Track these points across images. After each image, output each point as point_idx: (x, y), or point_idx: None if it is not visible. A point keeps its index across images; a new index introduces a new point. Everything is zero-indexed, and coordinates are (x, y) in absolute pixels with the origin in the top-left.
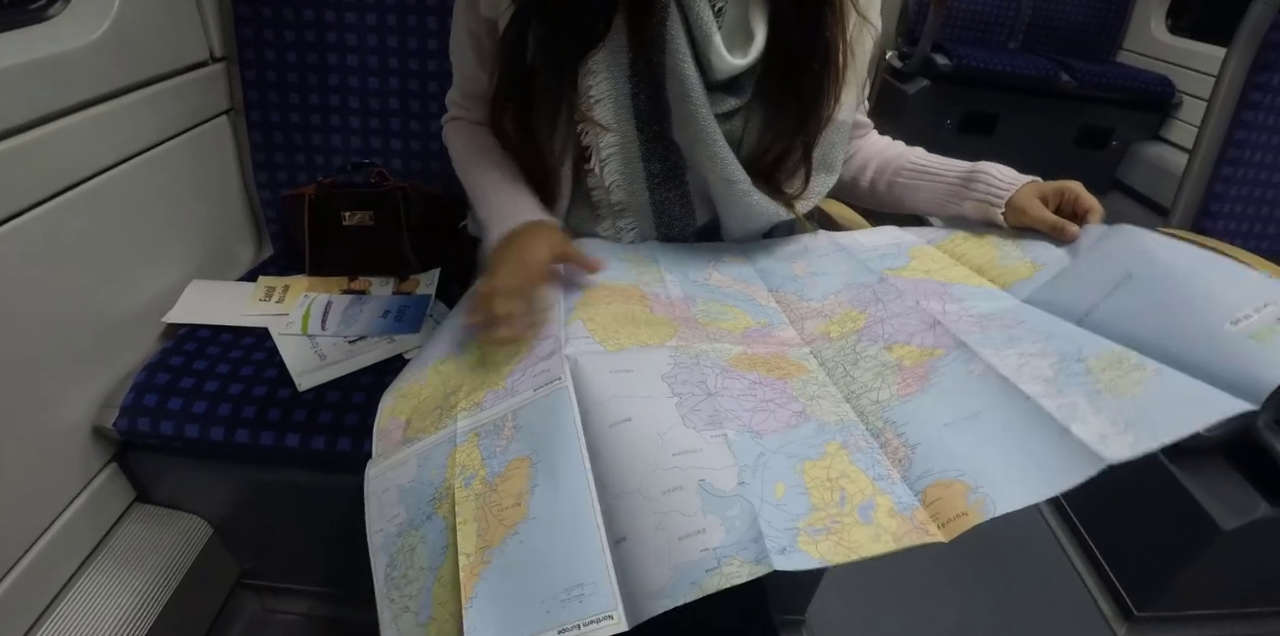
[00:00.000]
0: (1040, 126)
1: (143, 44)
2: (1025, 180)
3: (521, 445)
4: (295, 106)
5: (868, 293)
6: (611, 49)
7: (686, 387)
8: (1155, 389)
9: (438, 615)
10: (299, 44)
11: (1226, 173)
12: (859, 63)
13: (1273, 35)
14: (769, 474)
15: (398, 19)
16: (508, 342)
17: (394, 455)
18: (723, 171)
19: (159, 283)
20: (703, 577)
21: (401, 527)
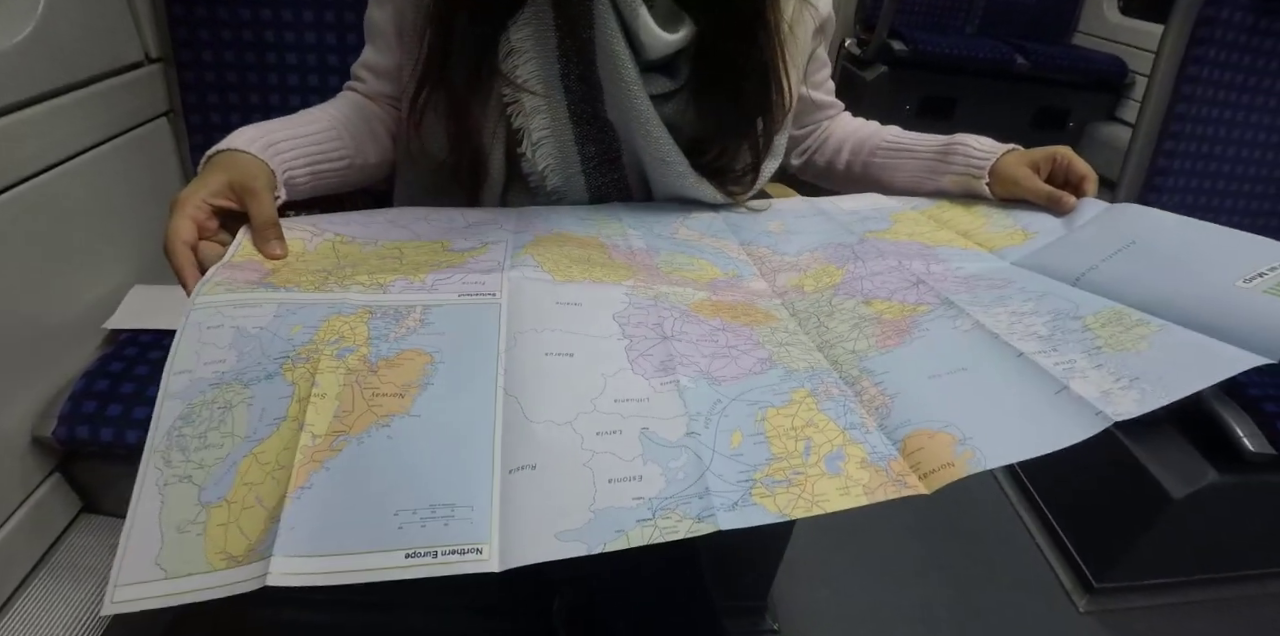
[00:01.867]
0: (998, 109)
1: (72, 45)
2: (1005, 148)
3: (424, 340)
4: (236, 107)
5: (847, 251)
6: (538, 27)
7: (640, 329)
8: (1162, 345)
9: (238, 497)
10: (237, 44)
11: (1169, 147)
12: (800, 43)
13: (1207, 10)
14: (725, 423)
15: (335, 16)
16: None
17: (242, 292)
18: (658, 152)
19: (99, 288)
20: (632, 527)
21: (222, 377)
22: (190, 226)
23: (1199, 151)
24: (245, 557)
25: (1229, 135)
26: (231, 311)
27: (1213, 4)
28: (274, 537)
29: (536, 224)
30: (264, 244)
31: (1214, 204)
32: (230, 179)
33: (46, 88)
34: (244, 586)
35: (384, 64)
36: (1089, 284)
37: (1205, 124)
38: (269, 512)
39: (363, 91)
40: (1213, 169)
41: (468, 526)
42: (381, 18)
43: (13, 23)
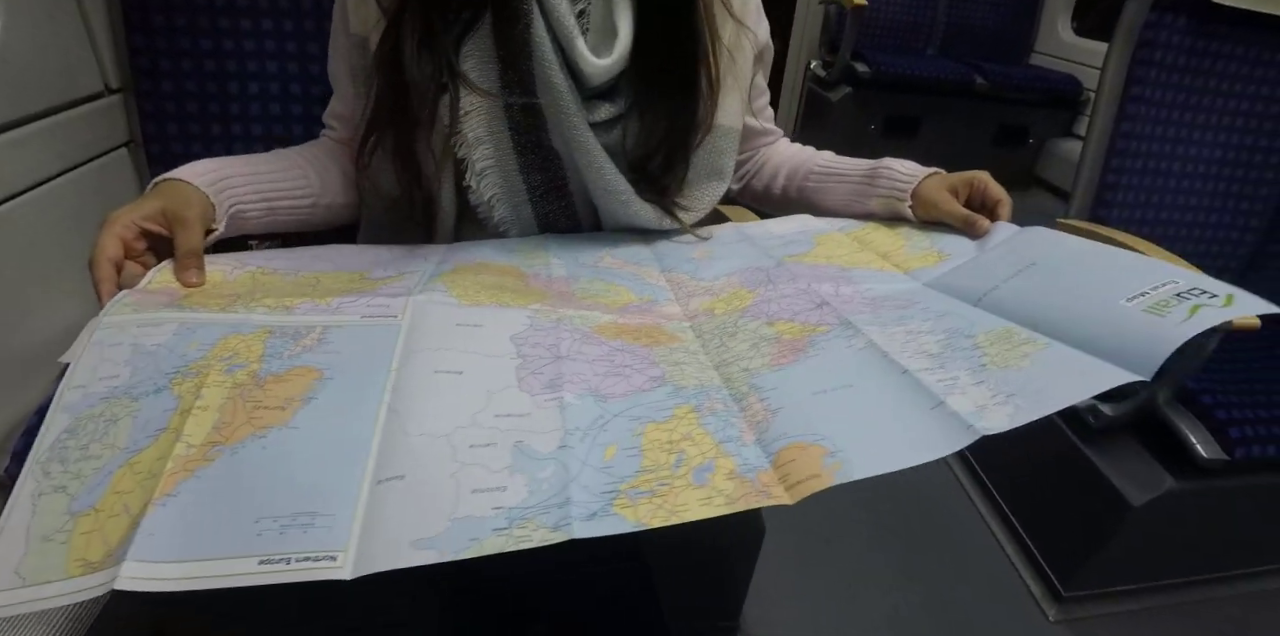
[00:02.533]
0: (960, 127)
1: (29, 76)
2: (927, 172)
3: (317, 358)
4: (197, 137)
5: (761, 275)
6: (480, 59)
7: (536, 349)
8: (1043, 362)
9: (106, 506)
10: (198, 74)
11: (1116, 163)
12: (739, 68)
13: (1146, 33)
14: (603, 437)
15: (297, 46)
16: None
17: (148, 312)
18: (601, 180)
19: (55, 322)
20: (487, 535)
21: (113, 391)
22: (117, 244)
23: (1145, 167)
24: (101, 564)
25: (1173, 151)
26: (134, 329)
27: (1152, 27)
28: (130, 543)
29: (459, 255)
30: (182, 272)
31: (1161, 217)
32: (164, 206)
33: (3, 118)
34: (92, 592)
35: (346, 111)
36: (989, 303)
37: (1149, 141)
38: (133, 520)
39: (334, 137)
40: (1157, 184)
41: (325, 534)
42: (337, 68)
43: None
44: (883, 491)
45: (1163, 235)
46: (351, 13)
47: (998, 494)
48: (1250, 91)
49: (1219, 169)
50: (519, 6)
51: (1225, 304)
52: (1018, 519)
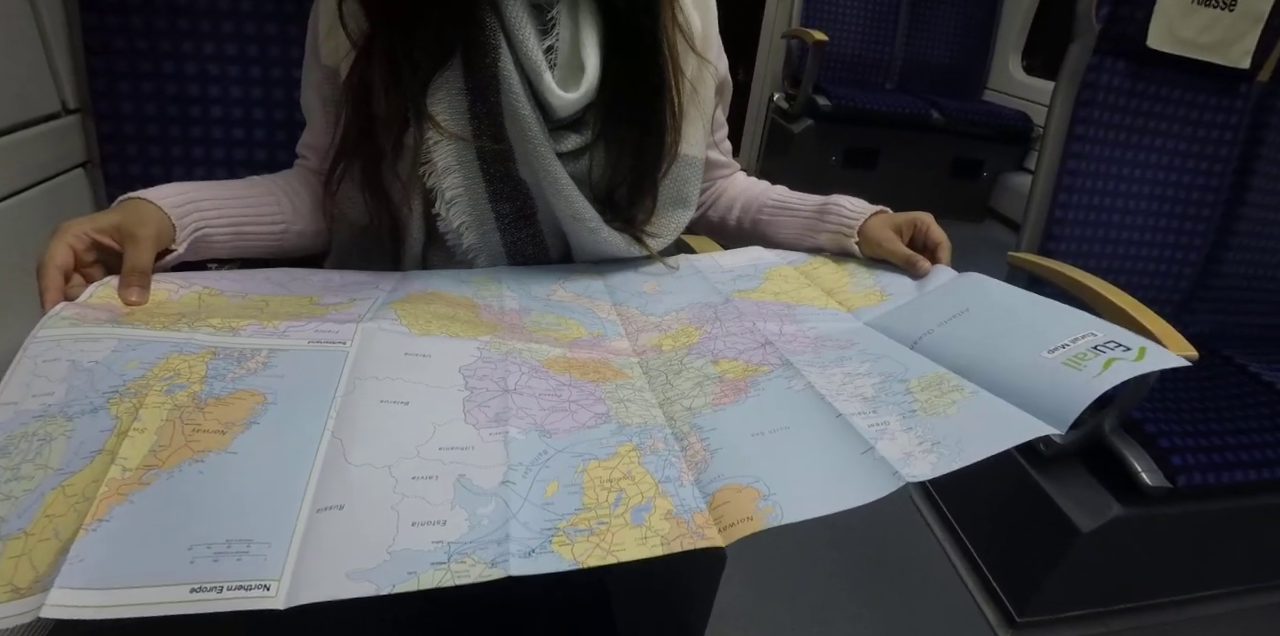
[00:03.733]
0: (918, 160)
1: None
2: (874, 210)
3: (261, 381)
4: (155, 159)
5: (709, 312)
6: (449, 91)
7: (484, 382)
8: (968, 410)
9: (36, 530)
10: (158, 96)
11: (1063, 199)
12: (702, 99)
13: (1089, 75)
14: (545, 473)
15: (262, 71)
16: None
17: (86, 326)
18: (569, 209)
19: (6, 341)
20: (425, 569)
21: (47, 409)
22: (67, 252)
23: (1090, 203)
24: (28, 589)
25: (1116, 188)
26: (70, 345)
27: (1094, 70)
28: (59, 569)
29: (413, 284)
30: (124, 289)
31: (1106, 251)
32: (120, 221)
33: None
34: (18, 619)
35: (318, 142)
36: (923, 347)
37: (1094, 178)
38: (63, 544)
39: (307, 167)
40: (1101, 219)
41: (260, 562)
42: (310, 98)
43: None
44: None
45: (1108, 268)
46: (323, 43)
47: (955, 521)
48: (1187, 132)
49: (1159, 205)
50: (488, 40)
51: (1138, 357)
52: (974, 546)
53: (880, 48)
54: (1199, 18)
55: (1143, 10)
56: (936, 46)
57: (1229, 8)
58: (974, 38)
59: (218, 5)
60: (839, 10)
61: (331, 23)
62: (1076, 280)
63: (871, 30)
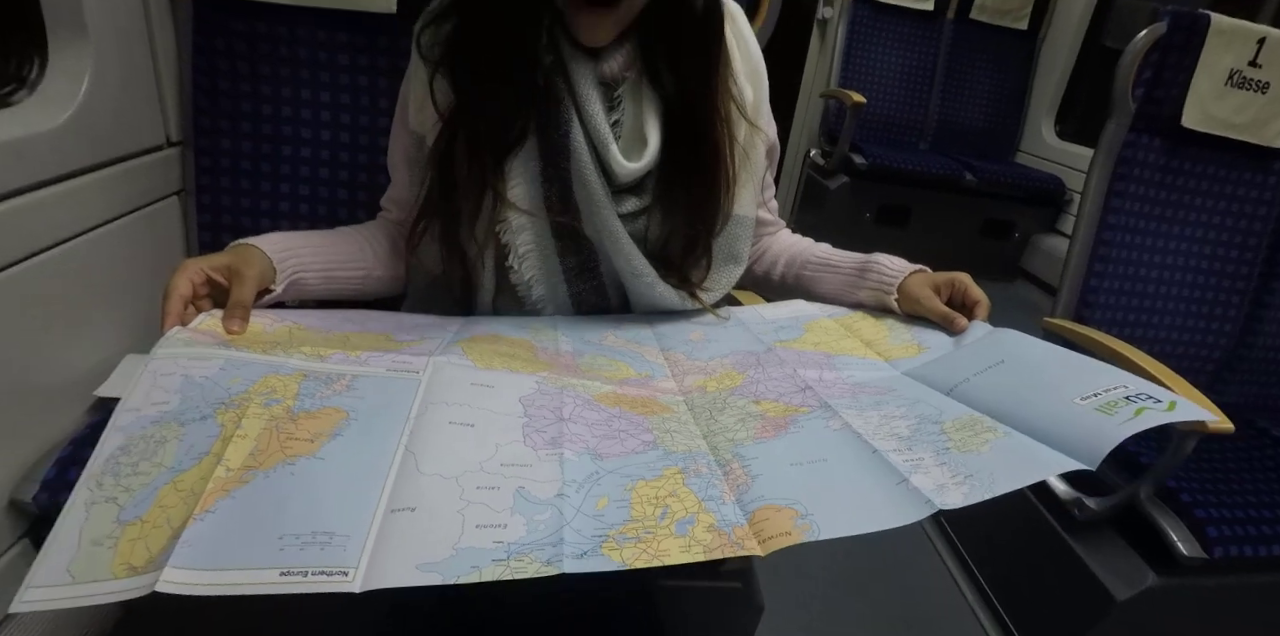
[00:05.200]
0: (949, 219)
1: (104, 129)
2: (913, 268)
3: (345, 401)
4: (245, 191)
5: (752, 358)
6: (525, 158)
7: (541, 411)
8: (1000, 448)
9: (151, 518)
10: (253, 134)
11: (1099, 268)
12: (753, 163)
13: (1125, 151)
14: (596, 489)
15: (350, 118)
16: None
17: (200, 348)
18: (628, 264)
19: (94, 356)
20: (487, 565)
21: (163, 415)
22: (187, 284)
23: (1125, 273)
24: (144, 568)
25: (1150, 259)
26: (185, 362)
27: (1130, 146)
28: (171, 552)
29: (476, 327)
30: (228, 320)
31: (1141, 320)
32: (231, 262)
33: (78, 166)
34: (135, 592)
35: (400, 196)
36: (960, 394)
37: (1129, 249)
38: (174, 531)
39: (390, 218)
40: (1136, 288)
41: (340, 552)
42: (396, 156)
43: (56, 106)
44: (874, 579)
45: (1142, 337)
46: (412, 113)
47: (986, 584)
48: (1221, 207)
49: (1194, 276)
50: (561, 115)
51: (1168, 409)
52: (1005, 609)
53: (915, 109)
54: (1232, 99)
55: (1177, 91)
56: (971, 109)
57: (1262, 91)
58: (1007, 102)
59: (316, 57)
60: (876, 72)
61: (423, 96)
62: (1111, 348)
63: (907, 92)
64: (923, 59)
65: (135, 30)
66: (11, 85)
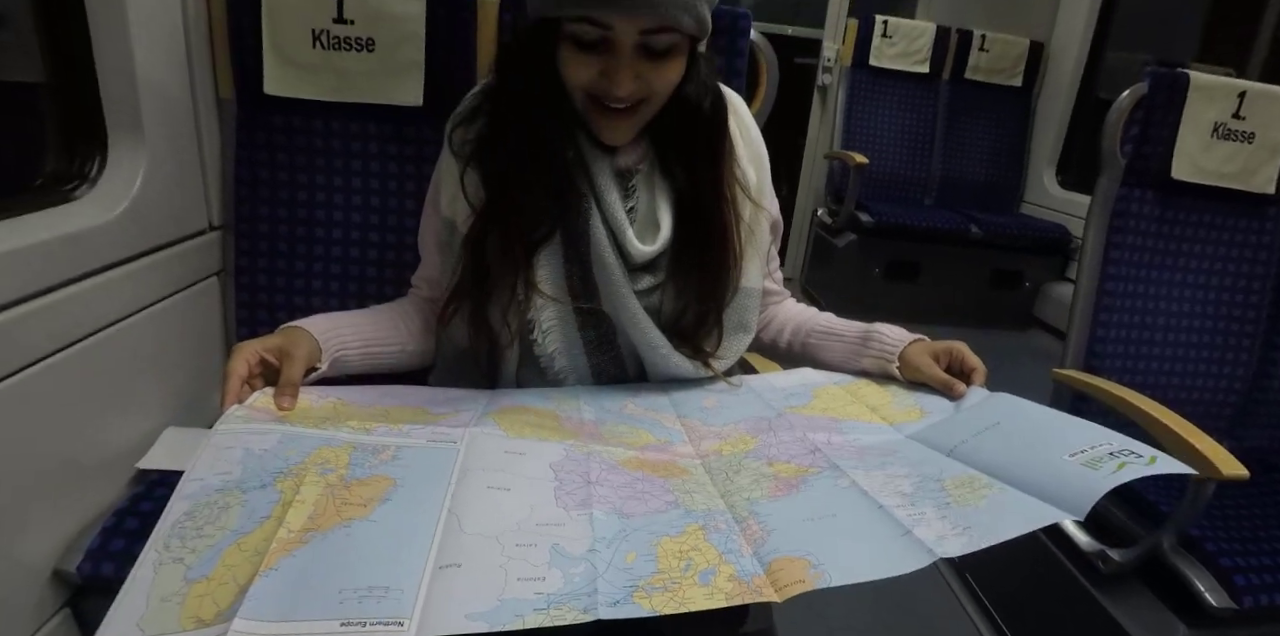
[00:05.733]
0: (958, 272)
1: (154, 218)
2: (912, 338)
3: (392, 469)
4: (281, 271)
5: (764, 424)
6: (549, 246)
7: (570, 475)
8: (996, 502)
9: (217, 576)
10: (289, 218)
11: (1104, 318)
12: (758, 239)
13: (1119, 205)
14: (624, 545)
15: (380, 201)
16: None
17: (258, 423)
18: (644, 337)
19: (135, 430)
20: (529, 613)
21: (226, 484)
22: (244, 366)
23: (1131, 322)
24: (212, 621)
25: (1155, 307)
26: (245, 436)
27: (1123, 200)
28: (239, 605)
29: (504, 399)
30: (279, 397)
31: (1151, 367)
32: (282, 344)
33: (129, 254)
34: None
35: (431, 275)
36: (959, 454)
37: (1133, 298)
38: (240, 587)
39: (421, 296)
40: (1143, 336)
41: (395, 604)
42: (427, 239)
43: (113, 200)
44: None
45: (1154, 384)
46: (445, 201)
47: None
48: (1221, 252)
49: (1202, 322)
50: (581, 204)
51: (1149, 463)
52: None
53: (918, 166)
54: (1220, 150)
55: (1164, 146)
56: (972, 164)
57: (1248, 141)
58: (1008, 155)
59: (349, 147)
60: (877, 132)
61: (455, 188)
62: (1121, 397)
63: (909, 150)
64: (922, 118)
65: (185, 127)
66: (75, 182)
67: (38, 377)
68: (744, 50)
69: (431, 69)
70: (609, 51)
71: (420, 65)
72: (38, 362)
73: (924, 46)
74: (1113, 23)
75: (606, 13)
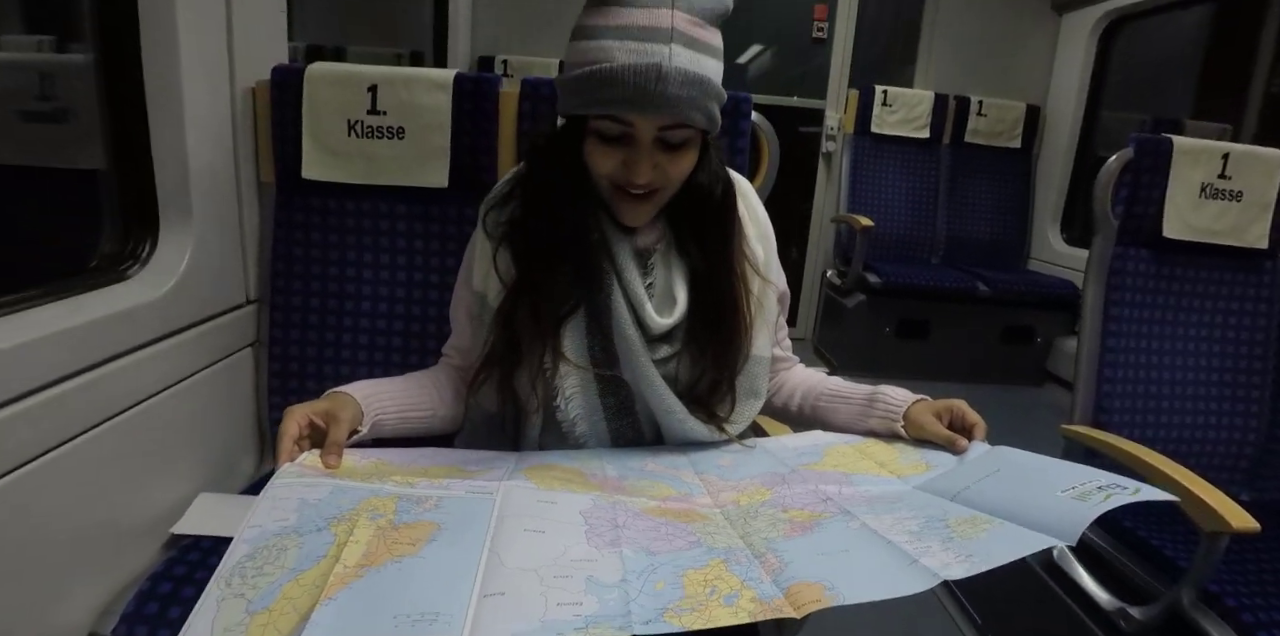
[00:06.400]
0: (969, 329)
1: (197, 294)
2: (915, 398)
3: (436, 515)
4: (313, 342)
5: (778, 478)
6: (574, 318)
7: (598, 521)
8: (995, 533)
9: (277, 608)
10: (322, 292)
11: (1109, 373)
12: (767, 311)
13: (1115, 264)
14: (653, 576)
15: (406, 276)
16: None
17: (310, 477)
18: (661, 403)
19: (170, 495)
20: (569, 632)
21: (283, 529)
22: (296, 428)
23: (1137, 376)
24: None
25: (1160, 361)
26: (299, 488)
27: (1119, 259)
28: (301, 631)
29: (532, 459)
30: (326, 457)
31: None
32: (329, 408)
33: (173, 328)
34: None
35: (462, 345)
36: (962, 499)
37: (1136, 353)
38: (301, 615)
39: (452, 364)
40: (1154, 391)
41: (446, 627)
42: (458, 311)
43: (162, 278)
44: None
45: (1165, 438)
46: (477, 277)
47: None
48: (1221, 305)
49: (1208, 375)
50: (604, 280)
51: (1133, 493)
52: None
53: (924, 227)
54: (1209, 209)
55: (1154, 206)
56: (977, 223)
57: (1236, 199)
58: (1012, 214)
59: (379, 225)
60: (882, 196)
61: (487, 266)
62: (1130, 453)
63: (914, 212)
64: (925, 181)
65: (229, 209)
66: (128, 262)
67: (82, 448)
68: (746, 130)
69: (456, 153)
70: (630, 145)
71: (446, 150)
72: (83, 433)
73: (923, 113)
74: (1108, 84)
75: (628, 112)
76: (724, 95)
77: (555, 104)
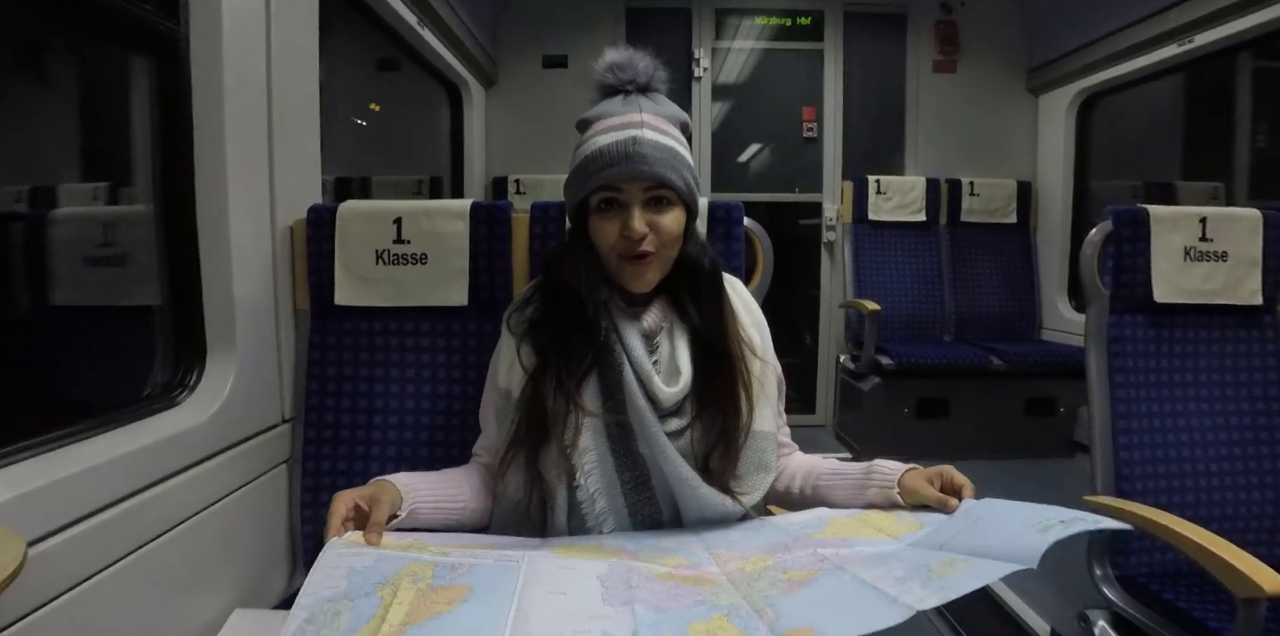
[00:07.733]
0: (989, 404)
1: (239, 416)
2: (907, 467)
3: (468, 579)
4: (343, 456)
5: (780, 546)
6: (590, 394)
7: (614, 584)
8: (968, 568)
9: None
10: (352, 407)
11: (1124, 441)
12: (767, 390)
13: (1112, 331)
14: (662, 628)
15: (431, 388)
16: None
17: (358, 548)
18: (675, 472)
19: (205, 612)
20: None
21: (335, 595)
22: (345, 509)
23: (1154, 441)
24: None
25: (1174, 423)
26: (348, 559)
27: (1115, 326)
28: None
29: (556, 540)
30: (368, 534)
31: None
32: (373, 493)
33: (215, 449)
34: None
35: (490, 444)
36: (948, 547)
37: (1148, 417)
38: None
39: (482, 462)
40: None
41: None
42: (487, 412)
43: (208, 402)
44: None
45: (1188, 502)
46: (501, 374)
47: None
48: (1227, 364)
49: (1224, 434)
50: (615, 360)
51: (1093, 524)
52: None
53: (932, 306)
54: (1197, 271)
55: (1142, 273)
56: (984, 298)
57: (1221, 260)
58: (1017, 285)
59: (404, 344)
60: (887, 279)
61: (511, 360)
62: (1153, 520)
63: (920, 291)
64: (927, 261)
65: (268, 336)
66: (179, 389)
67: (123, 570)
68: (739, 235)
69: (474, 273)
70: (624, 209)
71: (465, 272)
72: (125, 557)
73: (917, 198)
74: (1097, 152)
75: (616, 179)
76: (695, 171)
77: (562, 223)
